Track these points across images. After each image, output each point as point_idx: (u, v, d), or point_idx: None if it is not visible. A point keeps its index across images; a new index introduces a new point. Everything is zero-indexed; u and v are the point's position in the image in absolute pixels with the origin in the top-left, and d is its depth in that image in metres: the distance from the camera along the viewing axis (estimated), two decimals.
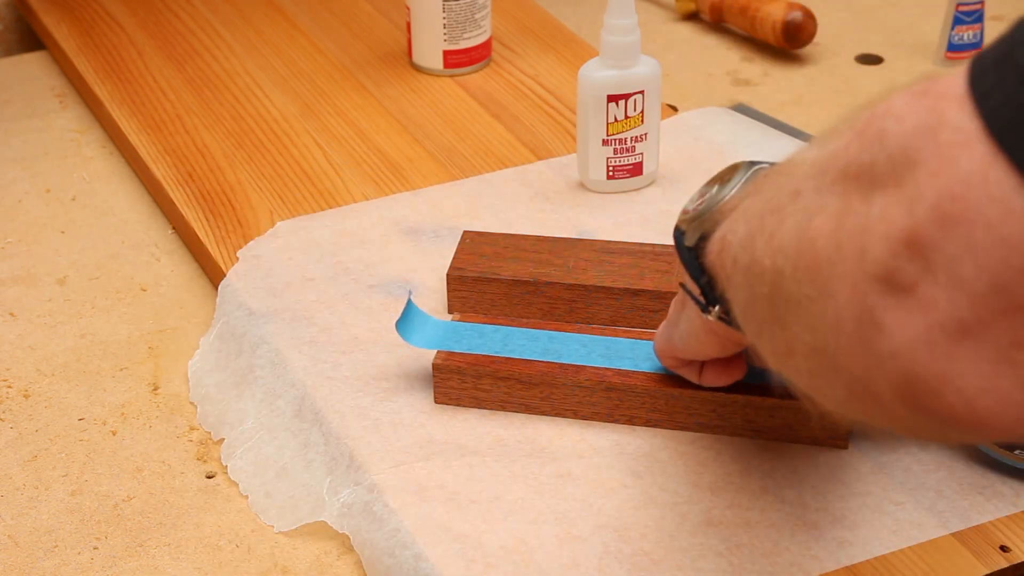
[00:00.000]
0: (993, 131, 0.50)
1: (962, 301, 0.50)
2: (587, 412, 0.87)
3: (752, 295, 0.63)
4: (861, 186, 0.55)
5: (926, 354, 0.51)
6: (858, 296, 0.54)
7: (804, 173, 0.61)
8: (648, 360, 0.87)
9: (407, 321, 0.88)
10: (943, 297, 0.50)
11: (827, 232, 0.56)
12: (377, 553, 0.80)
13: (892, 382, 0.53)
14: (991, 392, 0.51)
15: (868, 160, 0.55)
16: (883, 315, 0.52)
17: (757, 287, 0.62)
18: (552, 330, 0.91)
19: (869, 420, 0.58)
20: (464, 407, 0.88)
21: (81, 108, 1.24)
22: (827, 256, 0.56)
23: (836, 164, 0.58)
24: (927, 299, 0.50)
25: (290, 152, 1.14)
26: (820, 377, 0.59)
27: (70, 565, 0.82)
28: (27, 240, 1.09)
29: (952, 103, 0.52)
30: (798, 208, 0.59)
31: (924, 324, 0.51)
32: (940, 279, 0.50)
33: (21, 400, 0.94)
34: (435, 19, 1.21)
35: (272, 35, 1.30)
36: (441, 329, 0.89)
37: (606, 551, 0.79)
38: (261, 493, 0.86)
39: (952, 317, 0.50)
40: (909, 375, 0.52)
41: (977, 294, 0.49)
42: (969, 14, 1.27)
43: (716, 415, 0.86)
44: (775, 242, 0.60)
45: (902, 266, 0.51)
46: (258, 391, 0.91)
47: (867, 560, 0.79)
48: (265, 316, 0.96)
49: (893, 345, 0.52)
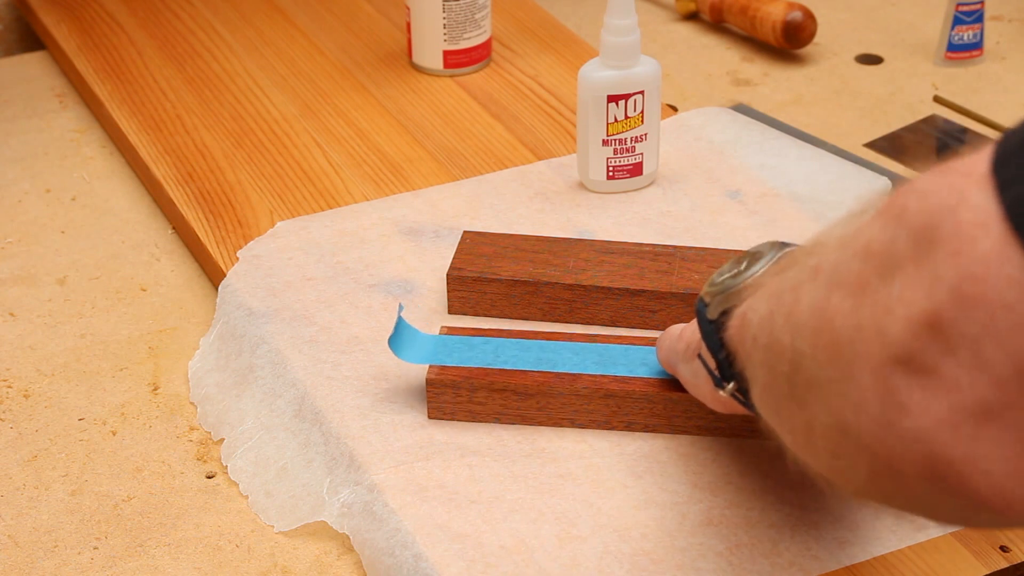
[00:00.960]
0: (1012, 219, 0.49)
1: (985, 382, 0.49)
2: (584, 420, 0.87)
3: (772, 374, 0.63)
4: (881, 263, 0.54)
5: (950, 436, 0.50)
6: (881, 377, 0.53)
7: (826, 251, 0.60)
8: (643, 365, 0.87)
9: (398, 336, 0.88)
10: (966, 378, 0.49)
11: (846, 311, 0.55)
12: (377, 553, 0.80)
13: (917, 464, 0.52)
14: (1019, 475, 0.50)
15: (889, 237, 0.54)
16: (907, 396, 0.51)
17: (777, 366, 0.61)
18: (548, 333, 0.90)
19: (892, 503, 0.58)
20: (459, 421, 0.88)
21: (81, 108, 1.24)
22: (847, 336, 0.55)
23: (858, 241, 0.57)
24: (950, 380, 0.50)
25: (290, 152, 1.14)
26: (842, 459, 0.58)
27: (70, 565, 0.82)
28: (27, 240, 1.09)
29: (974, 182, 0.51)
30: (817, 285, 0.58)
31: (947, 405, 0.50)
32: (962, 360, 0.50)
33: (21, 400, 0.94)
34: (435, 19, 1.21)
35: (272, 35, 1.30)
36: (431, 343, 0.89)
37: (606, 551, 0.79)
38: (261, 493, 0.86)
39: (975, 399, 0.49)
40: (934, 457, 0.51)
41: (1000, 376, 0.49)
42: (969, 14, 1.27)
43: (715, 417, 0.86)
44: (793, 319, 0.60)
45: (924, 347, 0.51)
46: (258, 391, 0.91)
47: (867, 560, 0.79)
48: (265, 316, 0.96)
49: (917, 426, 0.51)
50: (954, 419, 0.50)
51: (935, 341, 0.50)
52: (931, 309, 0.51)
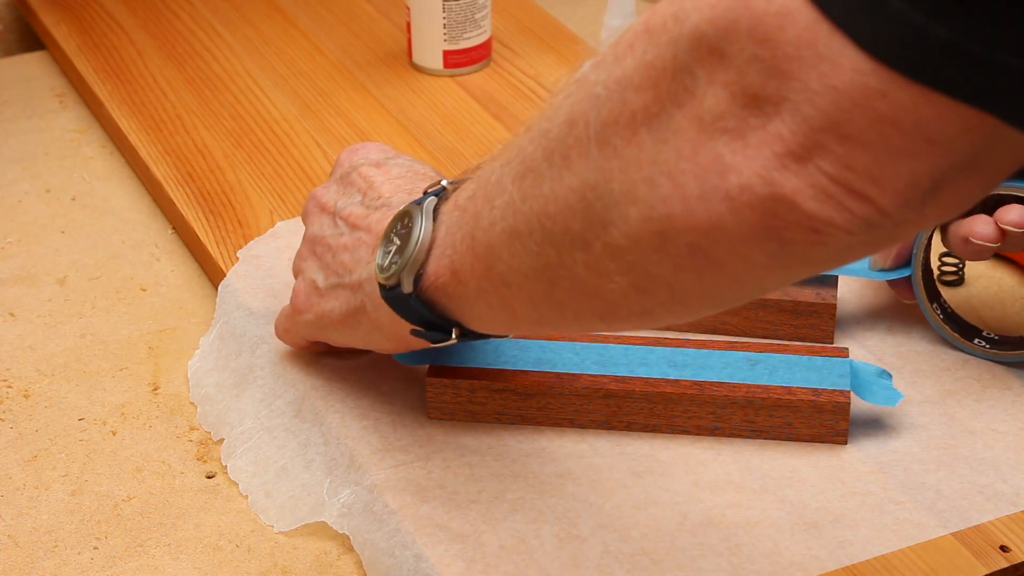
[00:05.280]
0: None
1: (799, 123, 0.56)
2: (584, 420, 0.87)
3: (530, 253, 0.68)
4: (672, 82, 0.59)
5: (779, 175, 0.57)
6: (702, 152, 0.58)
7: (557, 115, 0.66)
8: (643, 365, 0.87)
9: None
10: (787, 131, 0.56)
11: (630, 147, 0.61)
12: (377, 553, 0.80)
13: (751, 214, 0.58)
14: (829, 201, 0.56)
15: (670, 54, 0.59)
16: (731, 159, 0.57)
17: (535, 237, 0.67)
18: (547, 336, 0.90)
19: (712, 285, 0.62)
20: (459, 421, 0.88)
21: (81, 108, 1.24)
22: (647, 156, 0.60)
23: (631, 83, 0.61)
24: (775, 134, 0.56)
25: (290, 152, 1.14)
26: (643, 268, 0.63)
27: (70, 565, 0.82)
28: (27, 240, 1.09)
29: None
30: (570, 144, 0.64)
31: (771, 153, 0.56)
32: (785, 119, 0.56)
33: (21, 400, 0.94)
34: (435, 19, 1.21)
35: (272, 35, 1.30)
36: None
37: (606, 551, 0.79)
38: (261, 493, 0.86)
39: (798, 144, 0.56)
40: (768, 198, 0.57)
41: (811, 120, 0.55)
42: None
43: (715, 417, 0.86)
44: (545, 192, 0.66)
45: (748, 116, 0.57)
46: (258, 391, 0.91)
47: (867, 560, 0.79)
48: (265, 316, 0.96)
49: (746, 178, 0.57)
50: (780, 163, 0.56)
51: (761, 109, 0.56)
52: (743, 87, 0.57)
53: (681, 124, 0.59)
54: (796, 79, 0.55)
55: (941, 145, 0.55)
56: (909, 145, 0.55)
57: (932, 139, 0.55)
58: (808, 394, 0.85)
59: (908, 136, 0.55)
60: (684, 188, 0.59)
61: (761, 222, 0.58)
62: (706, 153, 0.58)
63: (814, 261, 0.60)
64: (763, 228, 0.58)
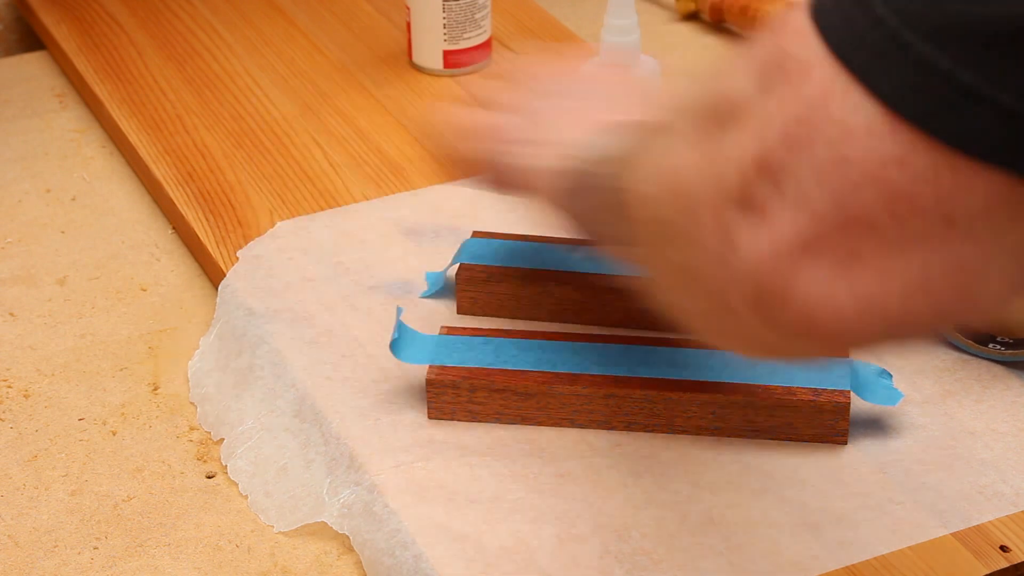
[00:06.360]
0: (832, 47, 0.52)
1: (805, 218, 0.53)
2: (584, 420, 0.87)
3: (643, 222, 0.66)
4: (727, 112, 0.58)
5: (771, 268, 0.54)
6: (718, 218, 0.57)
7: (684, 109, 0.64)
8: (643, 365, 0.87)
9: (398, 338, 0.88)
10: (788, 216, 0.53)
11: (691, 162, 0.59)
12: (377, 553, 0.80)
13: (745, 295, 0.56)
14: (829, 301, 0.54)
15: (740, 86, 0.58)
16: (737, 234, 0.55)
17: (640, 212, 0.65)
18: (548, 333, 0.90)
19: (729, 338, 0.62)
20: (459, 421, 0.88)
21: (81, 108, 1.24)
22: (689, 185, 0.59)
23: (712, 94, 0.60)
24: (775, 218, 0.54)
25: (290, 152, 1.14)
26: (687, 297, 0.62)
27: (70, 565, 0.82)
28: (27, 240, 1.09)
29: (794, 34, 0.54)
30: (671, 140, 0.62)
31: (770, 240, 0.54)
32: (788, 199, 0.53)
33: (21, 400, 0.94)
34: (435, 19, 1.21)
35: (272, 35, 1.30)
36: (431, 344, 0.89)
37: (606, 551, 0.79)
38: (261, 493, 0.86)
39: (796, 233, 0.53)
40: (758, 287, 0.55)
41: (818, 211, 0.52)
42: None
43: (715, 416, 0.86)
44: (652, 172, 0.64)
45: (755, 189, 0.54)
46: (258, 391, 0.91)
47: (867, 560, 0.79)
48: (265, 316, 0.96)
49: (744, 261, 0.55)
50: (776, 252, 0.54)
51: (765, 182, 0.54)
52: (762, 150, 0.54)
53: None
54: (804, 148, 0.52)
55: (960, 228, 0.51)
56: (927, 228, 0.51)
57: (951, 219, 0.51)
58: (808, 394, 0.85)
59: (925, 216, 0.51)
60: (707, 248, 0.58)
61: (756, 310, 0.56)
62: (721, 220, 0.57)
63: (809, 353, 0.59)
64: (758, 316, 0.56)
